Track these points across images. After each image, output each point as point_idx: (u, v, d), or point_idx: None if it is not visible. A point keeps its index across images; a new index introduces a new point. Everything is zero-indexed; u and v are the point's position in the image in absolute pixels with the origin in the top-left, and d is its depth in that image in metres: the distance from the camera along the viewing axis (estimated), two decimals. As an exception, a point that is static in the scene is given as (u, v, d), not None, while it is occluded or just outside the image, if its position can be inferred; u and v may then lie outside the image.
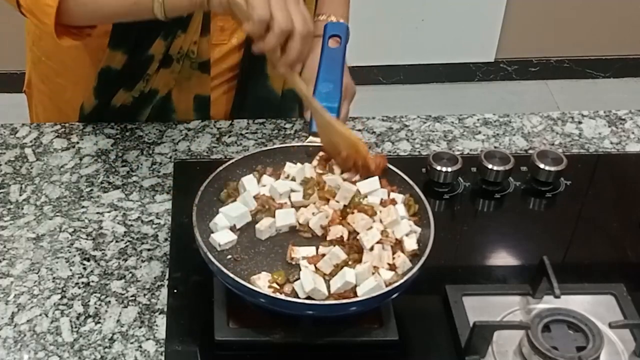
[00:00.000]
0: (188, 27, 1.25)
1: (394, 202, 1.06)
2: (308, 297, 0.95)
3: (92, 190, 1.23)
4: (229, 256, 1.01)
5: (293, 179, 1.08)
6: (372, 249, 0.99)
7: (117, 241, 1.14)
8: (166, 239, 1.14)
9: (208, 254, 0.97)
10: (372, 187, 1.06)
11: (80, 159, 1.29)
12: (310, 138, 1.16)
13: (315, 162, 1.10)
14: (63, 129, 1.35)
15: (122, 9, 1.12)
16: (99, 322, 1.02)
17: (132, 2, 1.10)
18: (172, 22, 1.21)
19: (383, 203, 1.05)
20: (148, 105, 1.34)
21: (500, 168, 1.21)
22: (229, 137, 1.33)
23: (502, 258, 1.17)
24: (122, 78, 1.30)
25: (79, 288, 1.07)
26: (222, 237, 1.01)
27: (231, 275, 0.95)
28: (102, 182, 1.24)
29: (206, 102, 1.36)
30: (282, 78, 1.36)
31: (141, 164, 1.28)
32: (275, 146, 1.14)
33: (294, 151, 1.14)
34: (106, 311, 1.04)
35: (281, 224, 1.03)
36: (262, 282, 0.96)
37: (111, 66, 1.28)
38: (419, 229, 1.04)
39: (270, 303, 0.93)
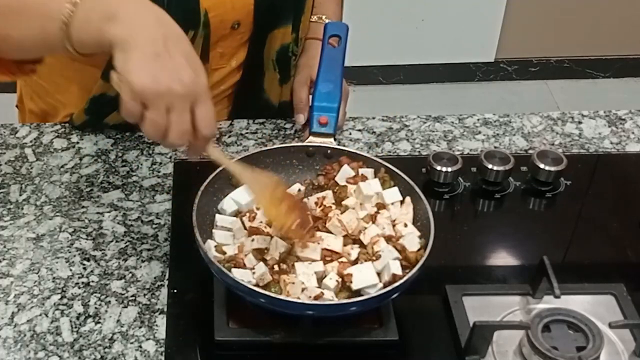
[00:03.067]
0: None
1: (364, 178, 1.08)
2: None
3: (92, 190, 1.23)
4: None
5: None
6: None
7: (117, 241, 1.14)
8: (166, 239, 1.14)
9: (208, 253, 0.97)
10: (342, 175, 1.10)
11: (80, 159, 1.29)
12: (310, 138, 1.17)
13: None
14: (63, 129, 1.35)
15: (30, 39, 0.99)
16: (99, 322, 1.02)
17: (39, 30, 0.96)
18: None
19: (352, 181, 1.08)
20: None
21: (500, 168, 1.21)
22: (229, 137, 1.33)
23: (502, 258, 1.17)
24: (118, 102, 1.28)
25: (79, 288, 1.07)
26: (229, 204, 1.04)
27: (231, 275, 0.95)
28: (102, 182, 1.24)
29: None
30: (278, 90, 1.37)
31: (141, 164, 1.28)
32: (275, 146, 1.14)
33: (293, 151, 1.14)
34: (106, 311, 1.04)
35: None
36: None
37: (107, 93, 1.24)
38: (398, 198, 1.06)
39: (270, 303, 0.93)
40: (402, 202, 1.07)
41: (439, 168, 1.21)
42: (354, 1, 2.99)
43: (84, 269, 1.10)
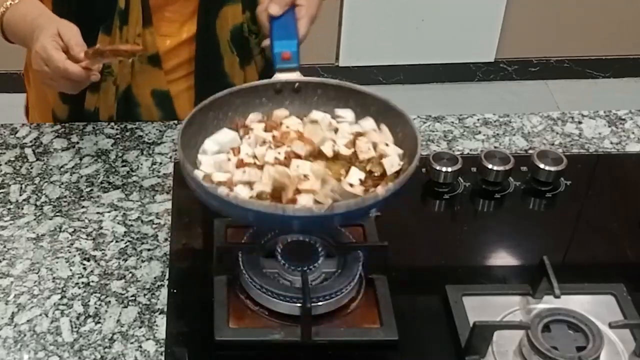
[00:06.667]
0: (128, 18, 1.26)
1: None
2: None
3: (92, 190, 1.23)
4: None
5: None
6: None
7: (117, 241, 1.14)
8: (166, 239, 1.14)
9: (194, 176, 0.95)
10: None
11: (80, 159, 1.29)
12: (276, 74, 1.12)
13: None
14: (63, 129, 1.35)
15: None
16: (99, 322, 1.02)
17: None
18: (108, 14, 1.24)
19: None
20: (113, 102, 1.35)
21: (500, 168, 1.21)
22: (229, 137, 1.33)
23: (502, 258, 1.17)
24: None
25: (79, 288, 1.07)
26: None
27: (218, 193, 0.92)
28: (102, 182, 1.24)
29: (166, 96, 1.37)
30: (241, 74, 1.36)
31: (141, 164, 1.28)
32: (242, 86, 1.11)
33: (261, 90, 1.10)
34: (106, 311, 1.04)
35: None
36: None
37: None
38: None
39: (251, 215, 0.92)
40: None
41: (439, 168, 1.21)
42: (354, 1, 3.00)
43: (84, 269, 1.10)
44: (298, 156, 0.99)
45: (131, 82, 1.34)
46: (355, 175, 0.99)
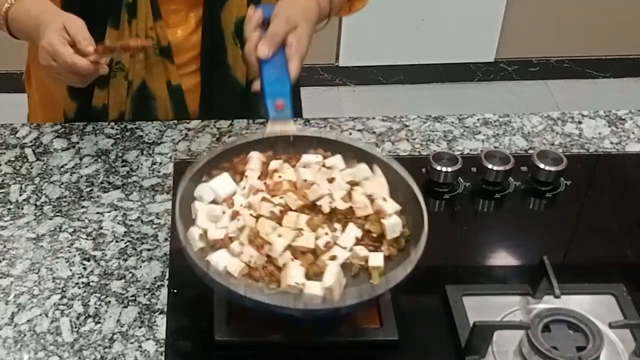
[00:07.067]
0: (136, 12, 1.26)
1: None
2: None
3: (92, 190, 1.23)
4: None
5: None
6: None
7: (117, 241, 1.14)
8: (166, 239, 1.14)
9: (187, 247, 0.94)
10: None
11: (80, 159, 1.29)
12: (269, 124, 1.09)
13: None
14: (63, 129, 1.35)
15: None
16: (99, 322, 1.03)
17: None
18: (116, 7, 1.24)
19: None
20: (125, 98, 1.35)
21: (500, 168, 1.21)
22: (229, 137, 1.33)
23: (502, 258, 1.17)
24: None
25: (79, 288, 1.07)
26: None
27: (214, 278, 0.92)
28: (102, 182, 1.24)
29: (179, 90, 1.37)
30: (244, 67, 1.36)
31: (141, 164, 1.28)
32: (235, 144, 1.08)
33: (254, 146, 1.08)
34: (106, 311, 1.04)
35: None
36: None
37: None
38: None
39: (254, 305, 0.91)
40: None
41: (439, 168, 1.21)
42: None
43: (84, 269, 1.10)
44: (292, 210, 0.98)
45: (145, 76, 1.34)
46: (352, 232, 0.97)
